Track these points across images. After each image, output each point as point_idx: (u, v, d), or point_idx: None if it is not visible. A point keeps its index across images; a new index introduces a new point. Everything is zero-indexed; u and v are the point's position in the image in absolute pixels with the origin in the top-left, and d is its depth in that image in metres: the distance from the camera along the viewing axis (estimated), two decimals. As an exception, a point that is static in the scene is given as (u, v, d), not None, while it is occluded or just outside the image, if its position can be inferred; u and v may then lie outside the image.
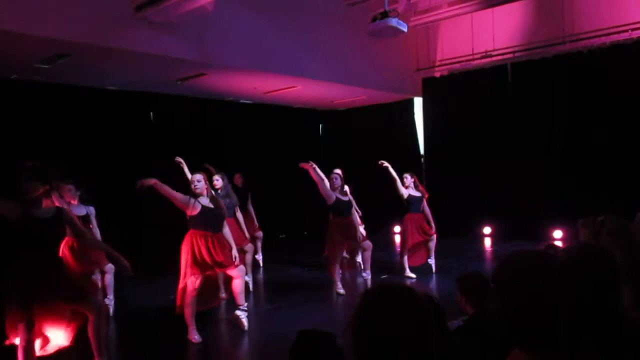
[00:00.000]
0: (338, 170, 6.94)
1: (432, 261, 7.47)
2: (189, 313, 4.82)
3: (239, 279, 4.96)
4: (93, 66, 7.52)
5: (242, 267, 5.09)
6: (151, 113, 10.03)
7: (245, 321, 5.06)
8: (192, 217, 4.85)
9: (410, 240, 7.24)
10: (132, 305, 6.14)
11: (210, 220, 4.88)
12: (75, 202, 5.41)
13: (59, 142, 8.37)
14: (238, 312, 5.07)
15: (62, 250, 5.07)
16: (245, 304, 5.11)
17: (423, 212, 7.35)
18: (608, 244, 2.38)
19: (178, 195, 4.77)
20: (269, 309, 6.16)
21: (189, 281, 4.77)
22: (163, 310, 5.92)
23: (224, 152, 10.26)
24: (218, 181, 6.36)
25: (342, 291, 6.53)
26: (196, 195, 4.87)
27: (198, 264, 4.78)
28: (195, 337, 4.81)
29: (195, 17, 6.87)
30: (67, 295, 3.56)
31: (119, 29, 6.47)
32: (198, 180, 4.88)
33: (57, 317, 3.56)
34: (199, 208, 4.83)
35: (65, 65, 7.21)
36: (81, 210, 5.46)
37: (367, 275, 6.78)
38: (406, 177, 7.25)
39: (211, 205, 4.93)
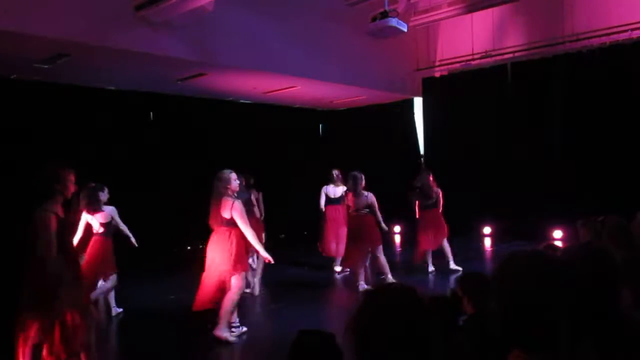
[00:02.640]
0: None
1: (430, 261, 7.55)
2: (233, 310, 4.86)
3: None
4: (93, 66, 7.52)
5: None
6: (151, 113, 10.03)
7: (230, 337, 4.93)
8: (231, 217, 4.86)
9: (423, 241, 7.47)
10: (135, 306, 6.14)
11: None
12: (99, 212, 5.51)
13: (58, 142, 8.36)
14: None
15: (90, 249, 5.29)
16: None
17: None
18: (608, 244, 2.38)
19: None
20: (269, 309, 6.16)
21: (241, 277, 4.80)
22: (163, 309, 5.93)
23: (224, 152, 10.26)
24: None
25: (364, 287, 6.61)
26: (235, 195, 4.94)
27: (244, 259, 4.89)
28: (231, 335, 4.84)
29: (195, 17, 6.87)
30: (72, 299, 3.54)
31: (119, 29, 6.47)
32: (235, 179, 4.93)
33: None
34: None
35: (65, 65, 7.21)
36: (107, 217, 5.62)
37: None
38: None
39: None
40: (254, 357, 4.87)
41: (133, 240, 5.98)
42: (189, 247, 10.11)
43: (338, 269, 7.95)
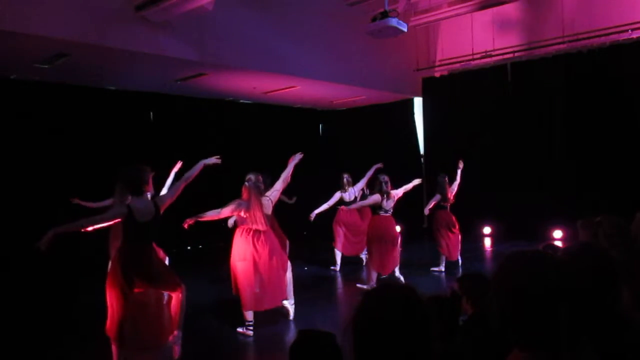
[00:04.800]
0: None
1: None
2: None
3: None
4: (93, 66, 7.52)
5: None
6: (151, 113, 10.03)
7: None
8: None
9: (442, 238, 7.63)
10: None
11: None
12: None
13: (58, 142, 8.37)
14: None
15: None
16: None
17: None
18: (605, 244, 2.38)
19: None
20: (268, 309, 6.15)
21: None
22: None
23: (224, 152, 10.23)
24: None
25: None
26: None
27: None
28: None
29: (195, 17, 6.87)
30: (156, 279, 4.08)
31: (119, 29, 6.47)
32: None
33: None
34: None
35: (65, 65, 7.21)
36: None
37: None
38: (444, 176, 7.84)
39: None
40: (254, 357, 4.87)
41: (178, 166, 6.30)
42: (188, 247, 10.12)
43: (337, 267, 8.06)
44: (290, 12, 8.51)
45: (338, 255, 8.12)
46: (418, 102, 11.98)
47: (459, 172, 7.94)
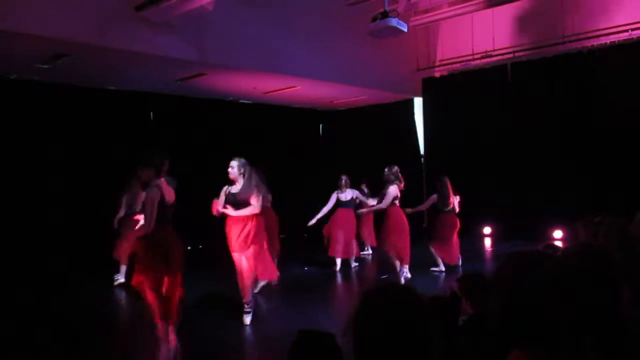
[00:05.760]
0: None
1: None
2: None
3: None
4: (93, 66, 7.52)
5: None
6: (151, 113, 10.03)
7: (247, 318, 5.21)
8: None
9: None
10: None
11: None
12: None
13: (58, 142, 8.37)
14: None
15: None
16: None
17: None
18: (605, 244, 2.38)
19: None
20: (269, 309, 6.16)
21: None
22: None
23: (224, 152, 10.23)
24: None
25: None
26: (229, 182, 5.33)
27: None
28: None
29: (195, 17, 6.87)
30: (172, 263, 4.16)
31: (119, 29, 6.47)
32: (231, 167, 5.34)
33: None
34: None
35: (65, 65, 7.21)
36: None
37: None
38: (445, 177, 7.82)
39: (234, 191, 5.31)
40: (254, 357, 4.87)
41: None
42: (189, 247, 10.12)
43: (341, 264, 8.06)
44: (290, 12, 8.50)
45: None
46: (418, 102, 11.98)
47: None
